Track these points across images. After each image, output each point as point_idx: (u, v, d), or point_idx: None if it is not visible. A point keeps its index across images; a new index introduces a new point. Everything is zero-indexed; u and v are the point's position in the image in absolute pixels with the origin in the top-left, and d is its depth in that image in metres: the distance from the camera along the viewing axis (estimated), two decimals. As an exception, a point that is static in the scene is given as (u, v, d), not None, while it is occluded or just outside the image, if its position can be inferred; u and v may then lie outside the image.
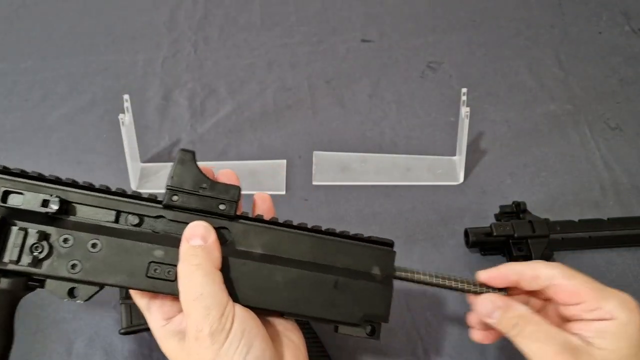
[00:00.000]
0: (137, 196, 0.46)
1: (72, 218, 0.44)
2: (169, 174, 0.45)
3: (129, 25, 0.97)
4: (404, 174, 0.76)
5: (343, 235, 0.48)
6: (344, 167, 0.77)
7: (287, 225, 0.47)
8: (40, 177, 0.45)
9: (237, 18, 0.98)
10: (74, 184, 0.46)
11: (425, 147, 0.79)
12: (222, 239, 0.45)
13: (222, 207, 0.45)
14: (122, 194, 0.46)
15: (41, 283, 0.45)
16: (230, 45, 0.94)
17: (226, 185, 0.46)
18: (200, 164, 0.78)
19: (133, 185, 0.75)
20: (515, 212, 0.68)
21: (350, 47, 0.93)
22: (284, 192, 0.75)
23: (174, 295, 0.44)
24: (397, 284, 0.66)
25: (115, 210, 0.45)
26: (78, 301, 0.44)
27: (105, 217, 0.45)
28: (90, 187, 0.46)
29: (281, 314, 0.47)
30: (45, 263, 0.43)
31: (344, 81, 0.88)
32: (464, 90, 0.70)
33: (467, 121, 0.70)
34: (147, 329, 0.62)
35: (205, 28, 0.96)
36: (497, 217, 0.70)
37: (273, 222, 0.47)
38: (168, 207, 0.45)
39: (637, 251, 0.68)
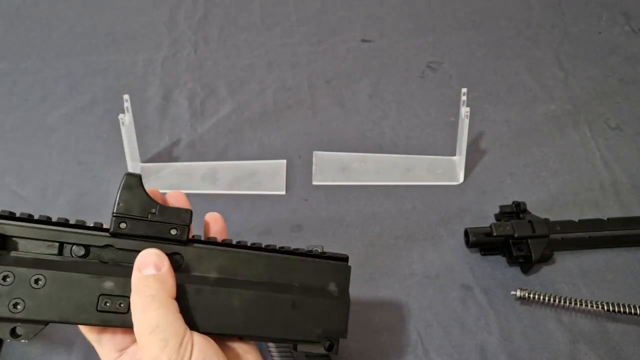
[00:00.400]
0: (81, 225, 0.43)
1: (12, 253, 0.42)
2: (115, 201, 0.43)
3: (129, 25, 0.97)
4: (404, 174, 0.76)
5: (298, 252, 0.47)
6: (344, 167, 0.77)
7: (241, 246, 0.46)
8: None
9: (237, 18, 0.98)
10: (11, 217, 0.43)
11: (425, 147, 0.79)
12: (176, 265, 0.43)
13: (173, 231, 0.43)
14: (64, 223, 0.43)
15: None
16: (230, 45, 0.94)
17: (176, 208, 0.44)
18: (200, 164, 0.78)
19: (133, 185, 0.75)
20: (515, 212, 0.68)
21: (350, 47, 0.93)
22: (283, 192, 0.75)
23: (128, 327, 0.41)
24: (401, 283, 0.67)
25: (58, 241, 0.42)
26: (22, 341, 0.42)
27: (48, 249, 0.42)
28: (29, 219, 0.43)
29: (240, 338, 0.46)
30: None
31: (344, 81, 0.88)
32: (464, 90, 0.70)
33: (467, 121, 0.70)
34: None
35: (205, 28, 0.96)
36: (497, 217, 0.70)
37: (227, 244, 0.46)
38: (116, 235, 0.43)
39: (637, 251, 0.68)
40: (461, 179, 0.75)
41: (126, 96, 0.71)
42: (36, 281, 0.41)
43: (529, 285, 0.65)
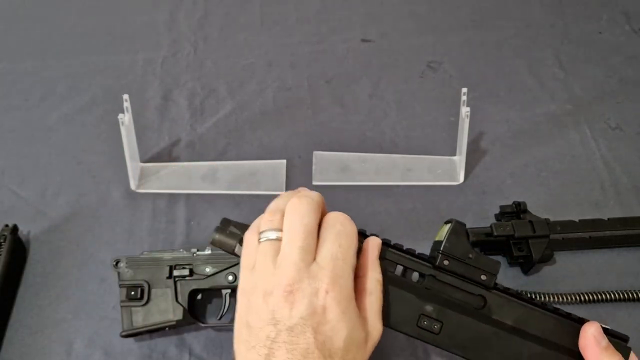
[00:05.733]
0: (412, 253, 0.50)
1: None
2: (443, 241, 0.49)
3: (129, 25, 0.97)
4: (404, 174, 0.76)
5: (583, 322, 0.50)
6: (344, 167, 0.77)
7: (537, 303, 0.50)
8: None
9: (237, 18, 0.98)
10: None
11: (425, 147, 0.79)
12: (478, 306, 0.49)
13: (483, 277, 0.49)
14: (400, 248, 0.50)
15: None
16: (230, 45, 0.94)
17: (490, 259, 0.49)
18: (200, 163, 0.78)
19: (133, 185, 0.75)
20: (515, 212, 0.68)
21: (350, 47, 0.93)
22: (283, 192, 0.75)
23: (438, 346, 0.48)
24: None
25: (395, 262, 0.49)
26: None
27: (389, 267, 0.49)
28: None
29: None
30: None
31: (344, 81, 0.88)
32: (464, 90, 0.70)
33: (467, 121, 0.70)
34: (148, 331, 0.62)
35: (205, 28, 0.96)
36: (498, 217, 0.70)
37: (524, 298, 0.50)
38: (438, 268, 0.49)
39: (637, 251, 0.68)
40: (461, 179, 0.75)
41: (126, 96, 0.71)
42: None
43: (530, 285, 0.65)
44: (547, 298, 0.63)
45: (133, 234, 0.72)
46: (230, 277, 0.61)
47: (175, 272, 0.62)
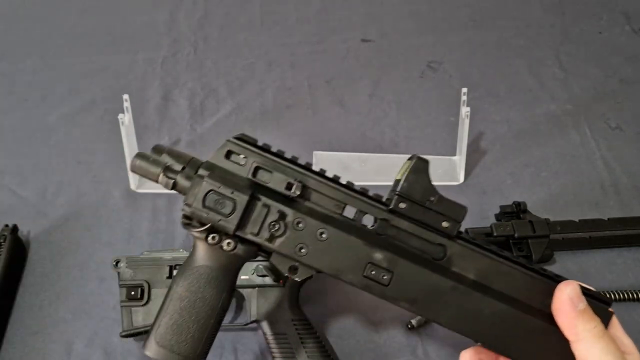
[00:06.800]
0: (364, 193, 0.46)
1: (307, 203, 0.46)
2: (401, 180, 0.45)
3: (129, 25, 0.97)
4: (404, 174, 0.76)
5: (559, 280, 0.45)
6: (344, 167, 0.77)
7: (505, 257, 0.46)
8: (286, 159, 0.47)
9: (237, 18, 0.98)
10: (309, 169, 0.47)
11: (425, 147, 0.79)
12: (437, 257, 0.45)
13: (445, 224, 0.45)
14: (351, 187, 0.46)
15: (268, 255, 0.46)
16: (230, 45, 0.94)
17: (454, 202, 0.45)
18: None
19: (132, 185, 0.75)
20: (515, 212, 0.68)
21: (350, 47, 0.93)
22: (284, 192, 0.75)
23: (385, 299, 0.44)
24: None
25: (344, 203, 0.46)
26: (296, 278, 0.46)
27: (334, 208, 0.46)
28: (324, 176, 0.47)
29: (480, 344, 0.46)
30: (278, 240, 0.45)
31: (344, 81, 0.88)
32: (464, 90, 0.70)
33: (467, 121, 0.70)
34: (148, 331, 0.62)
35: (205, 28, 0.96)
36: (498, 217, 0.70)
37: (491, 250, 0.46)
38: (393, 212, 0.45)
39: (637, 251, 0.68)
40: (461, 179, 0.75)
41: (126, 96, 0.71)
42: (321, 233, 0.45)
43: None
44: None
45: (133, 234, 0.72)
46: (230, 277, 0.61)
47: (175, 272, 0.62)
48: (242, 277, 0.61)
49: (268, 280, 0.61)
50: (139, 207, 0.74)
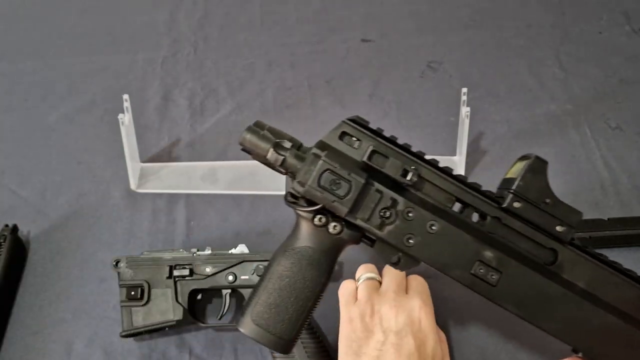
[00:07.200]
0: (477, 188, 0.45)
1: (418, 193, 0.45)
2: (516, 179, 0.43)
3: (129, 25, 0.97)
4: (404, 174, 0.76)
5: None
6: (344, 167, 0.77)
7: (617, 267, 0.45)
8: (399, 145, 0.46)
9: (237, 18, 0.98)
10: (422, 158, 0.46)
11: (425, 147, 0.78)
12: (548, 262, 0.43)
13: (559, 228, 0.43)
14: (464, 181, 0.45)
15: (372, 242, 0.46)
16: (230, 45, 0.94)
17: (569, 207, 0.44)
18: (201, 164, 0.78)
19: (133, 185, 0.75)
20: (515, 212, 0.68)
21: (350, 47, 0.93)
22: (283, 192, 0.75)
23: (491, 300, 0.43)
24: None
25: (455, 197, 0.44)
26: (397, 269, 0.45)
27: (445, 201, 0.45)
28: (437, 166, 0.45)
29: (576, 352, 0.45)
30: (387, 228, 0.44)
31: (344, 81, 0.88)
32: (464, 90, 0.70)
33: (467, 121, 0.70)
34: (148, 331, 0.62)
35: (205, 28, 0.96)
36: (497, 217, 0.70)
37: (606, 261, 0.45)
38: (507, 211, 0.44)
39: (637, 251, 0.68)
40: (461, 179, 0.75)
41: (126, 96, 0.71)
42: (431, 225, 0.44)
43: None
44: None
45: (133, 234, 0.72)
46: (230, 277, 0.61)
47: (175, 272, 0.62)
48: (242, 277, 0.61)
49: (268, 280, 0.61)
50: (139, 207, 0.74)
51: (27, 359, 0.63)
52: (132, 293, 0.61)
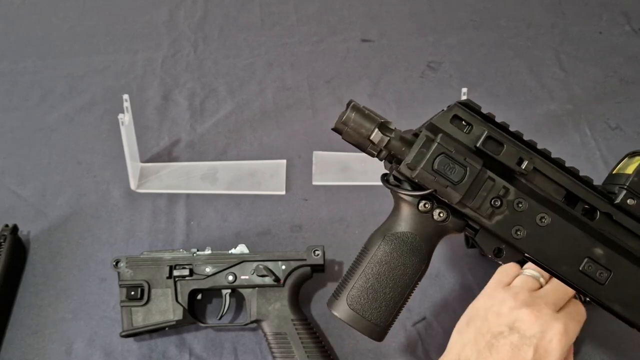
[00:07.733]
0: (589, 182, 0.43)
1: (528, 184, 0.43)
2: (632, 174, 0.42)
3: (129, 25, 0.97)
4: (404, 174, 0.76)
5: None
6: (344, 167, 0.77)
7: None
8: (511, 132, 0.44)
9: (237, 18, 0.98)
10: (534, 147, 0.44)
11: (425, 147, 0.79)
12: None
13: None
14: (576, 174, 0.44)
15: (475, 232, 0.44)
16: (230, 45, 0.94)
17: None
18: (200, 164, 0.78)
19: (133, 185, 0.75)
20: (515, 212, 0.68)
21: (350, 47, 0.93)
22: (283, 192, 0.75)
23: (597, 300, 0.42)
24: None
25: (566, 189, 0.43)
26: (499, 262, 0.44)
27: (554, 193, 0.43)
28: (550, 157, 0.44)
29: None
30: (495, 218, 0.42)
31: (344, 81, 0.88)
32: (464, 90, 0.70)
33: (467, 121, 0.70)
34: (148, 331, 0.62)
35: (205, 28, 0.96)
36: (498, 217, 0.69)
37: None
38: (619, 207, 0.42)
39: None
40: (461, 179, 0.75)
41: (126, 96, 0.71)
42: (541, 218, 0.42)
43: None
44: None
45: (133, 234, 0.72)
46: (230, 277, 0.62)
47: (175, 272, 0.62)
48: (242, 277, 0.62)
49: (268, 280, 0.61)
50: (139, 207, 0.74)
51: (27, 359, 0.63)
52: (132, 293, 0.61)
